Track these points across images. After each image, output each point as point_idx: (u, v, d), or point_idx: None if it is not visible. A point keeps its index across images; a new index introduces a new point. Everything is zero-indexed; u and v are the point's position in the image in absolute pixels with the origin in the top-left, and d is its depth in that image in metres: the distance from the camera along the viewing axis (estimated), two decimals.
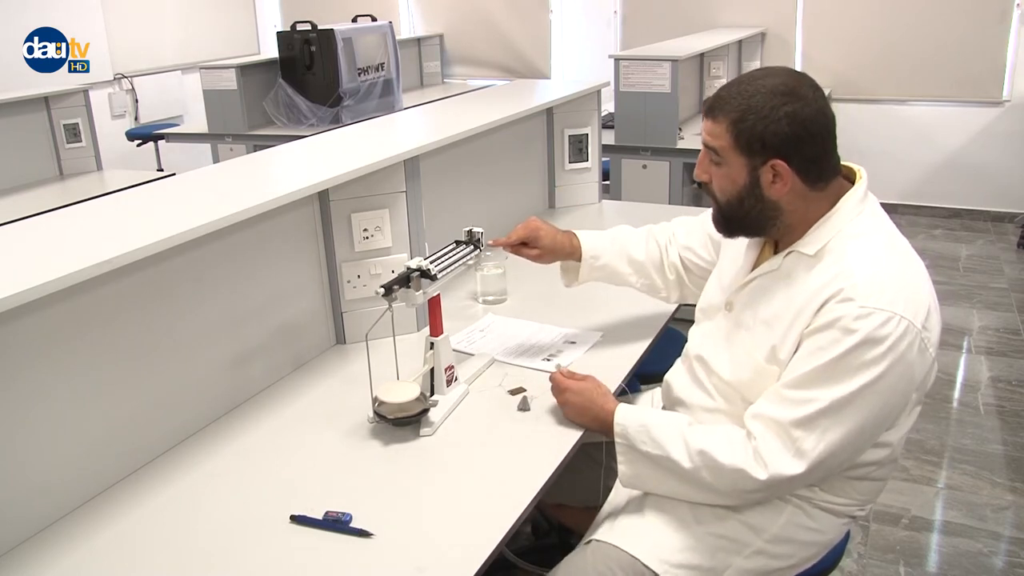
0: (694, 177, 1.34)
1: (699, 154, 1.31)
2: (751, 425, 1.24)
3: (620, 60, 3.72)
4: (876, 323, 1.15)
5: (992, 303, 3.86)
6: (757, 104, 1.21)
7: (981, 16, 4.84)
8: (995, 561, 2.19)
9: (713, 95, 1.28)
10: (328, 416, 1.49)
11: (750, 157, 1.23)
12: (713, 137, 1.26)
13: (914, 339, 1.16)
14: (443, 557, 1.12)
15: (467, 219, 1.77)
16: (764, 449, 1.20)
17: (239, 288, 1.55)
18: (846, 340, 1.15)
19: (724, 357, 1.36)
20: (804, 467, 1.19)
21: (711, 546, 1.31)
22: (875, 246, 1.24)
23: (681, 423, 1.32)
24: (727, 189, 1.28)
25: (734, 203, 1.28)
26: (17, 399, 1.17)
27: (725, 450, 1.24)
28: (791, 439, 1.19)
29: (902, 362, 1.16)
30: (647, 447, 1.30)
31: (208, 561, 1.14)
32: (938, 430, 2.80)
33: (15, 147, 3.42)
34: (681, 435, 1.28)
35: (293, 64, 4.33)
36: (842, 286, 1.18)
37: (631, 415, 1.35)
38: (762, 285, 1.32)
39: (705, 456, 1.24)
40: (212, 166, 2.35)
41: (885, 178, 5.24)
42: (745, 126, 1.22)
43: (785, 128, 1.20)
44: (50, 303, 1.18)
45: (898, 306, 1.16)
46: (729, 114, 1.23)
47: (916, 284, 1.21)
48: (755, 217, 1.28)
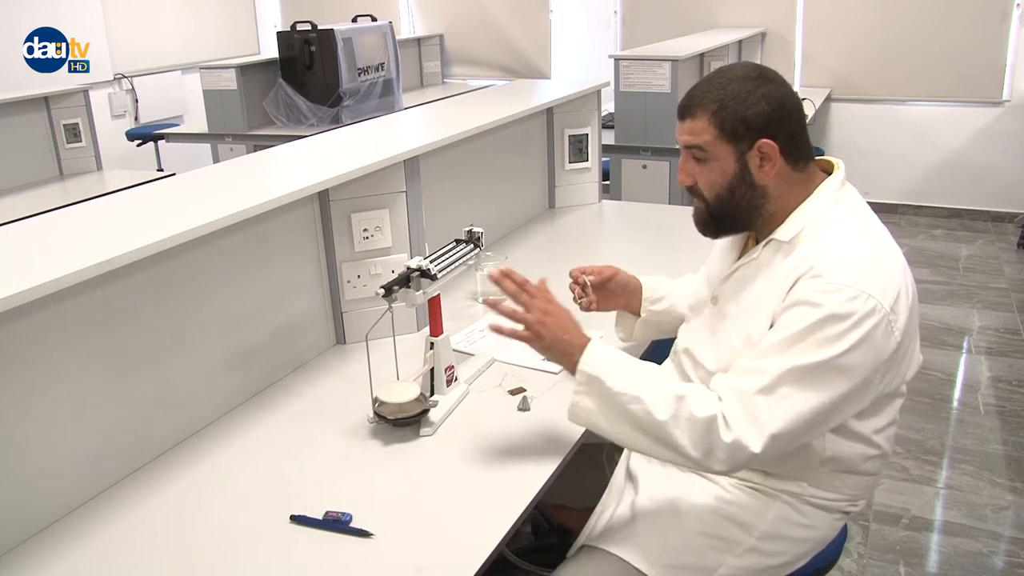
0: (678, 184, 1.34)
1: (679, 160, 1.32)
2: (718, 388, 1.22)
3: (620, 60, 3.72)
4: (842, 299, 1.15)
5: (992, 303, 3.86)
6: (733, 91, 1.24)
7: (981, 16, 4.84)
8: (995, 561, 2.19)
9: (684, 97, 1.30)
10: (328, 416, 1.49)
11: (736, 143, 1.25)
12: (695, 135, 1.27)
13: (880, 320, 1.16)
14: (443, 557, 1.12)
15: (467, 219, 1.77)
16: (728, 412, 1.18)
17: (239, 288, 1.55)
18: (812, 314, 1.16)
19: (709, 349, 1.36)
20: (762, 442, 1.15)
21: (702, 546, 1.31)
22: (849, 230, 1.25)
23: (657, 368, 1.27)
24: (717, 183, 1.28)
25: (725, 196, 1.29)
26: (17, 399, 1.17)
27: (700, 402, 1.19)
28: (751, 406, 1.17)
29: (867, 341, 1.16)
30: (616, 382, 1.22)
31: (208, 561, 1.14)
32: (938, 430, 2.80)
33: (15, 147, 3.42)
34: (657, 380, 1.23)
35: (293, 64, 4.33)
36: (812, 264, 1.20)
37: (605, 350, 1.28)
38: (743, 275, 1.33)
39: (682, 403, 1.19)
40: (212, 166, 2.35)
41: (885, 178, 5.24)
42: (727, 113, 1.24)
43: (765, 107, 1.23)
44: (50, 303, 1.18)
45: (866, 285, 1.16)
46: (708, 107, 1.25)
47: (887, 267, 1.22)
48: (744, 207, 1.29)
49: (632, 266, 1.86)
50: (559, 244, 2.47)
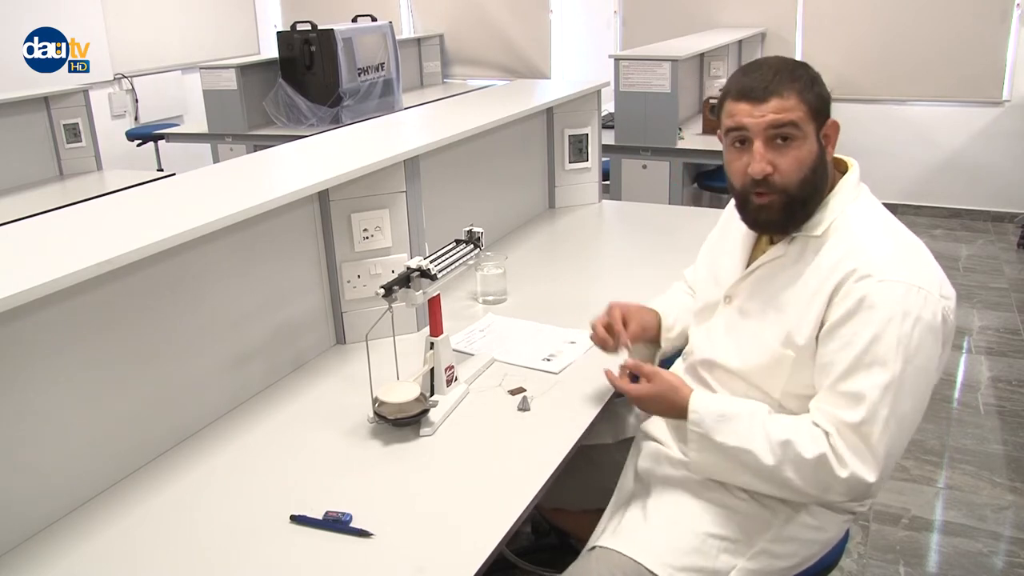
0: (756, 174, 1.23)
1: (753, 148, 1.23)
2: (821, 421, 1.21)
3: (620, 60, 3.73)
4: (899, 295, 1.17)
5: (992, 303, 3.86)
6: (812, 73, 1.25)
7: (981, 16, 4.84)
8: (995, 561, 2.19)
9: (755, 77, 1.23)
10: (328, 416, 1.49)
11: (818, 122, 1.25)
12: (787, 111, 1.21)
13: (936, 307, 1.19)
14: (443, 557, 1.12)
15: (467, 219, 1.77)
16: (839, 447, 1.19)
17: (239, 288, 1.55)
18: (874, 317, 1.17)
19: (730, 348, 1.36)
20: (877, 473, 1.18)
21: (715, 548, 1.31)
22: (878, 225, 1.27)
23: (761, 412, 1.27)
24: (804, 164, 1.23)
25: (809, 177, 1.24)
26: (17, 399, 1.17)
27: (807, 443, 1.20)
28: (859, 439, 1.18)
29: (933, 331, 1.18)
30: (724, 437, 1.25)
31: (208, 561, 1.14)
32: (938, 430, 2.80)
33: (15, 147, 3.42)
34: (763, 426, 1.24)
35: (293, 64, 4.34)
36: (856, 265, 1.20)
37: (708, 402, 1.31)
38: (767, 274, 1.33)
39: (788, 448, 1.20)
40: (212, 166, 2.35)
41: (885, 178, 5.24)
42: (814, 92, 1.23)
43: (825, 89, 1.25)
44: (50, 303, 1.18)
45: (915, 277, 1.18)
46: (794, 85, 1.22)
47: (924, 257, 1.24)
48: (816, 192, 1.26)
49: (632, 266, 1.87)
50: (559, 244, 2.47)
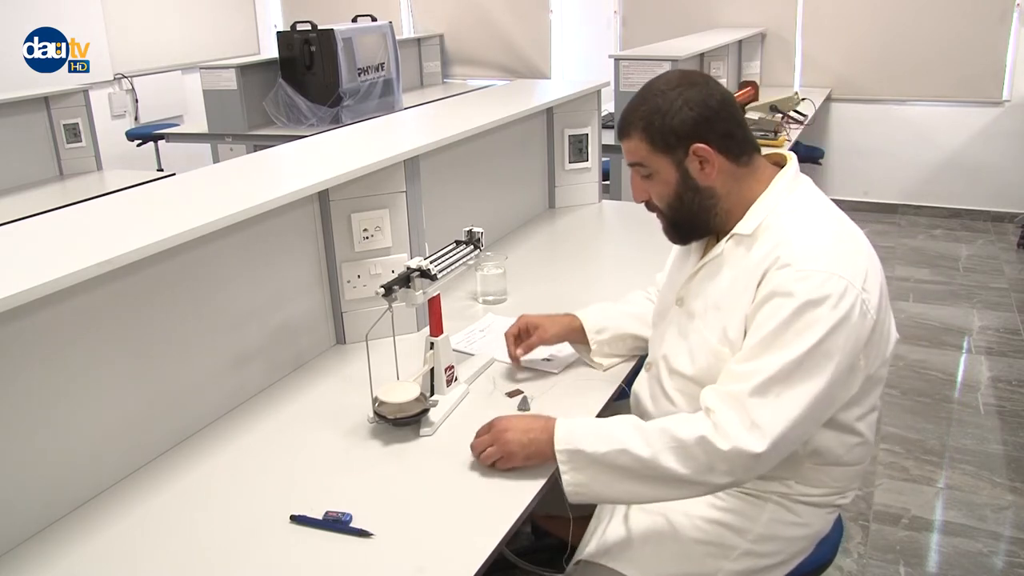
0: (636, 201, 1.37)
1: (631, 179, 1.35)
2: (707, 401, 1.21)
3: (620, 60, 3.72)
4: (814, 284, 1.17)
5: (992, 303, 3.86)
6: (655, 105, 1.27)
7: (981, 16, 4.84)
8: (995, 561, 2.19)
9: (619, 118, 1.33)
10: (328, 416, 1.49)
11: (671, 153, 1.28)
12: (632, 153, 1.32)
13: (855, 299, 1.18)
14: (443, 557, 1.12)
15: (467, 219, 1.77)
16: (722, 420, 1.17)
17: (239, 288, 1.55)
18: (787, 304, 1.17)
19: (683, 352, 1.36)
20: (764, 444, 1.15)
21: (698, 553, 1.31)
22: (810, 217, 1.27)
23: (630, 418, 1.28)
24: (665, 194, 1.32)
25: (675, 204, 1.32)
26: (16, 399, 1.17)
27: (684, 426, 1.19)
28: (746, 409, 1.16)
29: (846, 321, 1.17)
30: (595, 445, 1.22)
31: (208, 561, 1.14)
32: (938, 430, 2.80)
33: (15, 147, 3.42)
34: (635, 427, 1.23)
35: (293, 64, 4.33)
36: (778, 255, 1.21)
37: (574, 422, 1.29)
38: (707, 272, 1.34)
39: (665, 434, 1.19)
40: (212, 166, 2.35)
41: (885, 178, 5.24)
42: (654, 128, 1.27)
43: (688, 112, 1.26)
44: (49, 303, 1.18)
45: (835, 267, 1.18)
46: (636, 125, 1.29)
47: (852, 248, 1.24)
48: (698, 211, 1.31)
49: (632, 266, 1.87)
50: (559, 244, 2.47)
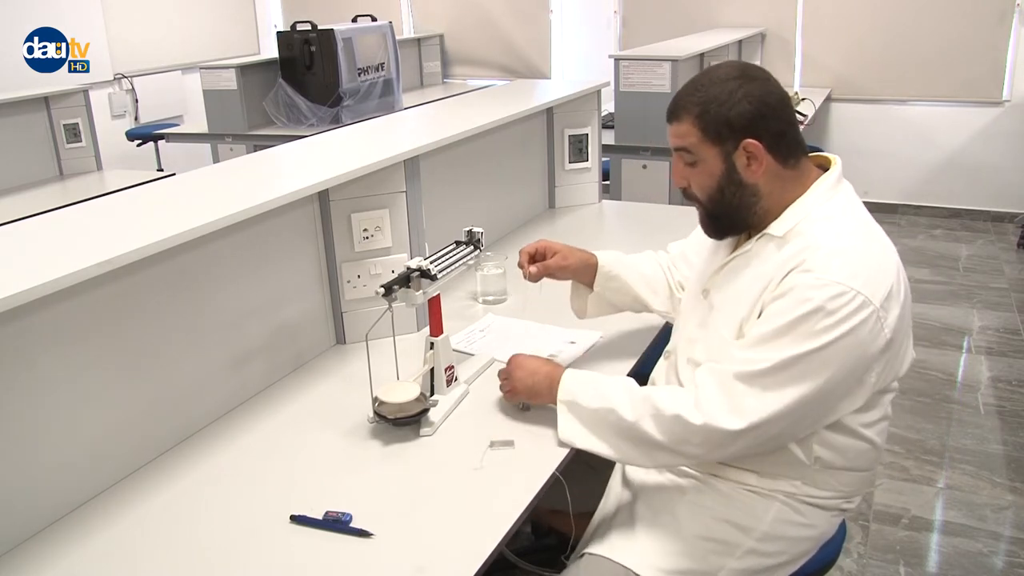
0: (675, 184, 1.36)
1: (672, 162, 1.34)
2: (697, 376, 1.26)
3: (620, 60, 3.72)
4: (830, 294, 1.16)
5: (992, 303, 3.86)
6: (714, 93, 1.25)
7: (981, 16, 4.84)
8: (995, 561, 2.19)
9: (671, 101, 1.31)
10: (328, 416, 1.49)
11: (722, 145, 1.26)
12: (681, 137, 1.29)
13: (869, 316, 1.17)
14: (443, 557, 1.12)
15: (467, 219, 1.77)
16: (703, 396, 1.22)
17: (239, 288, 1.55)
18: (799, 307, 1.17)
19: (701, 344, 1.37)
20: (741, 424, 1.18)
21: (702, 550, 1.31)
22: (843, 226, 1.26)
23: (626, 381, 1.35)
24: (707, 185, 1.30)
25: (716, 197, 1.30)
26: (16, 399, 1.17)
27: (667, 398, 1.26)
28: (730, 391, 1.20)
29: (853, 337, 1.16)
30: (590, 401, 1.32)
31: (208, 561, 1.14)
32: (938, 430, 2.80)
33: (15, 147, 3.42)
34: (625, 387, 1.32)
35: (293, 64, 4.33)
36: (804, 257, 1.21)
37: (579, 374, 1.39)
38: (734, 267, 1.34)
39: (648, 402, 1.26)
40: (212, 166, 2.35)
41: (885, 178, 5.24)
42: (709, 116, 1.25)
43: (746, 107, 1.24)
44: (49, 303, 1.18)
45: (856, 282, 1.17)
46: (691, 110, 1.27)
47: (880, 264, 1.22)
48: (737, 207, 1.30)
49: None
50: None
